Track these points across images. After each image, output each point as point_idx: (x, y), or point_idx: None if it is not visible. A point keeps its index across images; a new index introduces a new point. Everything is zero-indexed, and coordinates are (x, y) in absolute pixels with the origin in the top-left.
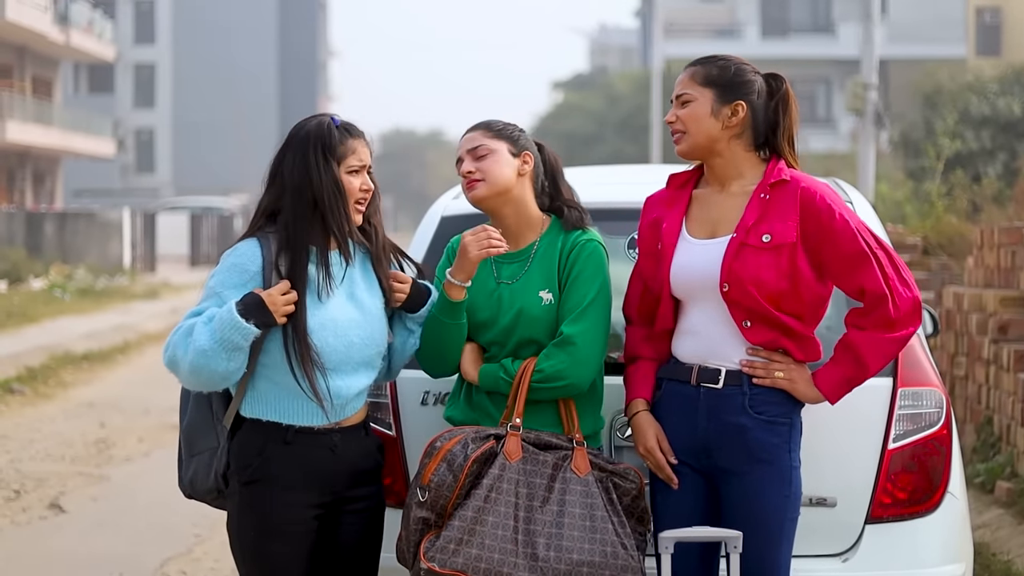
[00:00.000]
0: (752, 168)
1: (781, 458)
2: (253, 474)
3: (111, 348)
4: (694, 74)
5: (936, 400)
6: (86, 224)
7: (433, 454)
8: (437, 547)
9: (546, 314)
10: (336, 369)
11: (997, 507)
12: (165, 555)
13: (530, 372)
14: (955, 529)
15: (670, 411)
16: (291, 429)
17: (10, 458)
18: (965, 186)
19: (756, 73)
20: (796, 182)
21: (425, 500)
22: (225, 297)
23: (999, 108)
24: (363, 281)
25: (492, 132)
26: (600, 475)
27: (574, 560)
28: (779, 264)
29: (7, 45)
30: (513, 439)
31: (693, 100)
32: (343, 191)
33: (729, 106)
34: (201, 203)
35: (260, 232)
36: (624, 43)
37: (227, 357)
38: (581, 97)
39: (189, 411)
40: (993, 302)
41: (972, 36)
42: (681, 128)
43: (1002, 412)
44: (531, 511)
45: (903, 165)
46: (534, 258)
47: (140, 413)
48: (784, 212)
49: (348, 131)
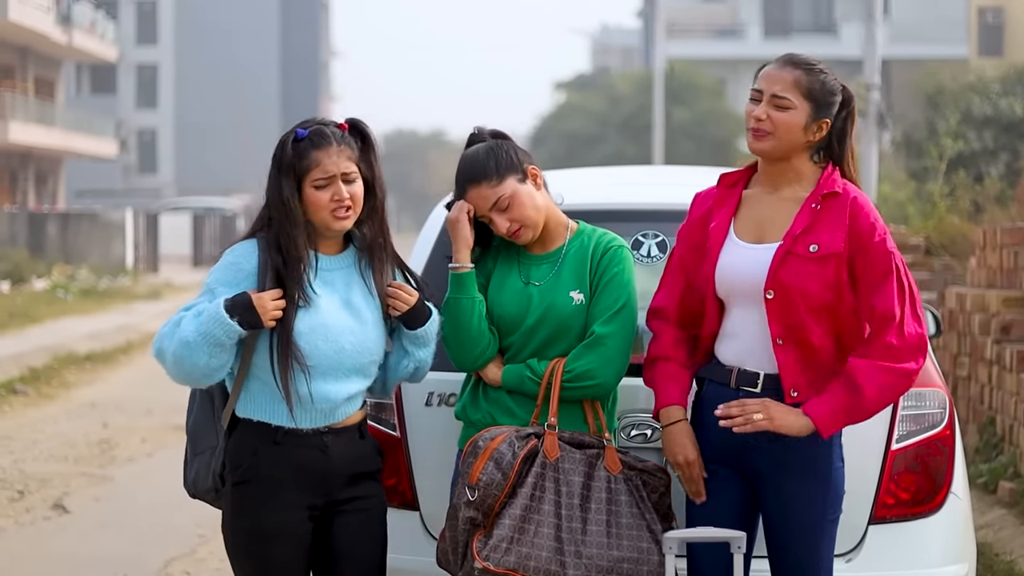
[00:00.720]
0: (808, 175)
1: (818, 462)
2: (244, 475)
3: (114, 348)
4: (798, 81)
5: (939, 401)
6: (88, 224)
7: (479, 453)
8: (490, 546)
9: (576, 315)
10: (326, 373)
11: (1000, 507)
12: (169, 555)
13: (560, 371)
14: (958, 529)
15: (710, 412)
16: (280, 430)
17: (13, 459)
18: (967, 186)
19: (841, 88)
20: (847, 194)
21: (474, 499)
22: (218, 294)
23: (1001, 108)
24: (362, 288)
25: (497, 177)
26: (630, 473)
27: (615, 556)
28: (825, 275)
29: (9, 46)
30: (551, 438)
31: (792, 108)
32: (293, 208)
33: (818, 122)
34: (203, 203)
35: (260, 233)
36: (626, 43)
37: (208, 352)
38: (583, 97)
39: (194, 410)
40: (996, 303)
41: (974, 36)
42: (770, 129)
43: (1005, 412)
44: (571, 509)
45: (905, 165)
46: (564, 259)
47: (143, 413)
48: (833, 223)
49: (314, 143)
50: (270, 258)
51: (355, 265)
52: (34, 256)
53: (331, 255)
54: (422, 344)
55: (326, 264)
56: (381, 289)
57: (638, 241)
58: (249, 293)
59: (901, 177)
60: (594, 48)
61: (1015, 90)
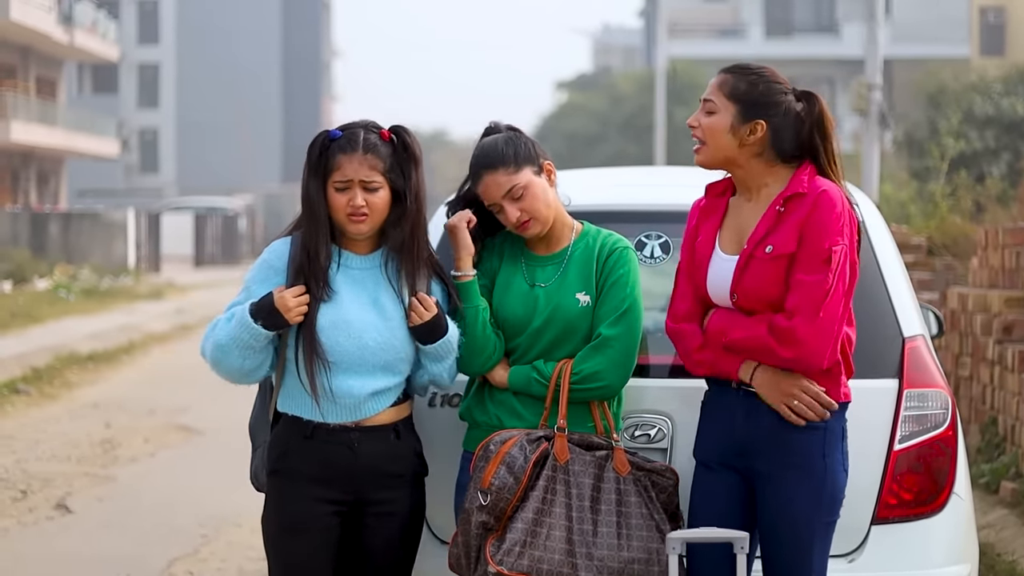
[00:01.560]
0: (779, 179)
1: (814, 462)
2: (274, 466)
3: (116, 348)
4: (723, 83)
5: (941, 401)
6: (90, 224)
7: (490, 458)
8: (504, 550)
9: (582, 316)
10: (349, 369)
11: (1002, 507)
12: (171, 555)
13: (568, 373)
14: (960, 530)
15: (715, 411)
16: (310, 424)
17: (16, 458)
18: (969, 186)
19: (788, 92)
20: (812, 193)
21: (487, 504)
22: (252, 291)
23: (1003, 108)
24: (391, 288)
25: (514, 166)
26: (639, 474)
27: (626, 557)
28: (779, 273)
29: (11, 45)
30: (560, 440)
31: (716, 111)
32: (316, 206)
33: (748, 124)
34: (205, 203)
35: (296, 231)
36: (627, 43)
37: (240, 355)
38: (585, 97)
39: (255, 405)
40: (997, 303)
41: (976, 36)
42: (702, 137)
43: (1007, 412)
44: (582, 511)
45: (907, 165)
46: (570, 261)
47: (145, 413)
48: (791, 223)
49: (341, 147)
50: (302, 251)
51: (383, 266)
52: (36, 256)
53: (360, 254)
54: (435, 359)
55: (354, 263)
56: (409, 293)
57: (641, 242)
58: (273, 292)
59: (903, 177)
60: (596, 48)
61: (1017, 90)
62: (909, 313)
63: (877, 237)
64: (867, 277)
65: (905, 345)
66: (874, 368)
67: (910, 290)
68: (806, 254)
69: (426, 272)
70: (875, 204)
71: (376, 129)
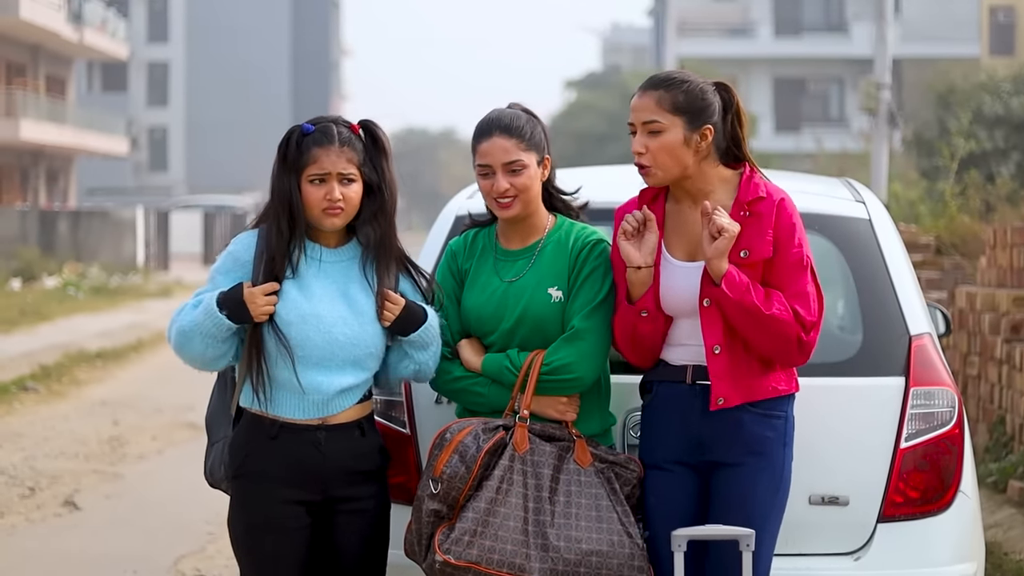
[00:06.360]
0: (722, 183)
1: (775, 452)
2: (239, 469)
3: (125, 346)
4: (661, 100)
5: (948, 400)
6: (100, 222)
7: (444, 446)
8: (452, 539)
9: (555, 311)
10: (318, 364)
11: (1009, 506)
12: (179, 552)
13: (539, 364)
14: (967, 528)
15: (664, 411)
16: (276, 424)
17: (24, 456)
18: (978, 186)
19: (714, 91)
20: (772, 197)
21: (437, 492)
22: (217, 282)
23: (1013, 108)
24: (361, 282)
25: (525, 142)
26: (601, 466)
27: (583, 550)
28: (753, 277)
29: (21, 44)
30: (521, 430)
31: (664, 130)
32: (289, 200)
33: (698, 132)
34: (214, 201)
35: (263, 224)
36: (637, 42)
37: (202, 343)
38: (594, 96)
39: (212, 398)
40: (1006, 302)
41: (985, 35)
42: (650, 163)
43: (1015, 412)
44: (540, 502)
45: (916, 165)
46: (541, 255)
47: (153, 411)
48: (762, 228)
49: (316, 140)
50: (264, 248)
51: (356, 260)
52: (45, 254)
53: (331, 247)
54: (420, 347)
55: (325, 256)
56: (377, 288)
57: None
58: (244, 286)
59: (912, 176)
60: (605, 47)
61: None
62: (916, 311)
63: (884, 236)
64: (874, 276)
65: (912, 343)
66: (880, 366)
67: (917, 289)
68: (787, 261)
69: (395, 266)
70: (883, 203)
71: (346, 124)
